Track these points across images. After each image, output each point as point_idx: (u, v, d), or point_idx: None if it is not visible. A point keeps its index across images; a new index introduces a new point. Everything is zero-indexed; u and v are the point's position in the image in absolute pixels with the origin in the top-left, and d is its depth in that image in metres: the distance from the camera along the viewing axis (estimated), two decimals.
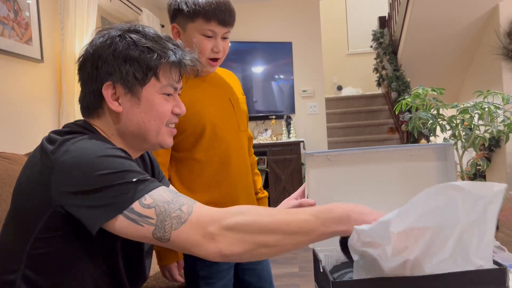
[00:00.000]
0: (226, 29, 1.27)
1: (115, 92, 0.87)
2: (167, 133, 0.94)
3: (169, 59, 0.88)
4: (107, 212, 0.74)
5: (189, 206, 0.76)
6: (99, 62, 0.87)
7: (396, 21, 5.92)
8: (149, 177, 0.80)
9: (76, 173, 0.76)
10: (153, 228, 0.75)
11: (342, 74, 7.79)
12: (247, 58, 4.90)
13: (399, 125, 5.43)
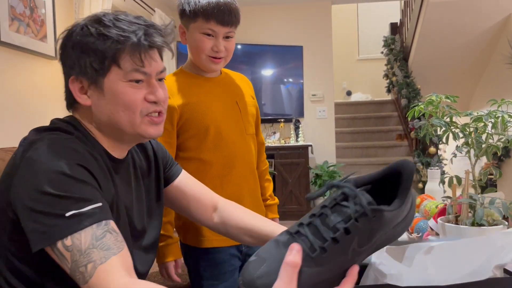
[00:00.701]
0: (227, 28, 1.28)
1: (82, 85, 0.85)
2: (147, 123, 0.86)
3: (128, 43, 0.81)
4: (41, 240, 0.73)
5: (93, 266, 0.71)
6: (63, 56, 0.86)
7: (408, 27, 5.90)
8: (89, 208, 0.75)
9: (29, 181, 0.75)
10: (68, 272, 0.73)
11: (351, 80, 7.78)
12: (257, 60, 4.91)
13: (408, 132, 5.40)
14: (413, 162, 0.75)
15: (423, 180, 4.64)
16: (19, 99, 2.32)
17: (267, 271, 0.60)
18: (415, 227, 1.42)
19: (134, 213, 0.94)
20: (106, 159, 0.87)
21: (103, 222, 0.75)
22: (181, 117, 1.29)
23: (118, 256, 0.73)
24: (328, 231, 0.62)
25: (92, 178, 0.79)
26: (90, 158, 0.82)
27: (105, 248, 0.73)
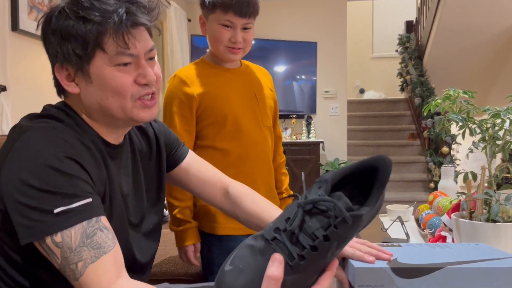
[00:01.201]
0: (245, 20, 1.29)
1: (68, 73, 0.81)
2: (139, 107, 0.82)
3: (109, 25, 0.76)
4: (28, 234, 0.72)
5: (84, 265, 0.70)
6: (45, 44, 0.81)
7: (423, 26, 5.84)
8: (78, 204, 0.73)
9: (16, 172, 0.73)
10: (58, 268, 0.73)
11: (365, 77, 7.73)
12: (270, 56, 4.90)
13: (421, 131, 5.35)
14: (390, 160, 0.71)
15: (435, 180, 4.60)
16: (36, 86, 2.35)
17: (245, 283, 0.58)
18: (428, 223, 1.42)
19: (131, 199, 0.92)
20: (100, 146, 0.84)
21: (94, 219, 0.73)
22: (200, 105, 1.31)
23: (109, 255, 0.72)
24: (307, 238, 0.60)
25: (82, 171, 0.76)
26: (81, 147, 0.79)
27: (96, 246, 0.71)
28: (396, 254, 0.81)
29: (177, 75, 1.34)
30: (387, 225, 1.62)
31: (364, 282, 0.75)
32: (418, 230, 1.52)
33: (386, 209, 1.75)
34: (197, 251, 1.35)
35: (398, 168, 5.21)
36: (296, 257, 0.59)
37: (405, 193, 4.86)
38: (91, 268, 0.70)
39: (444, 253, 0.82)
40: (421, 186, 4.96)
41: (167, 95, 1.34)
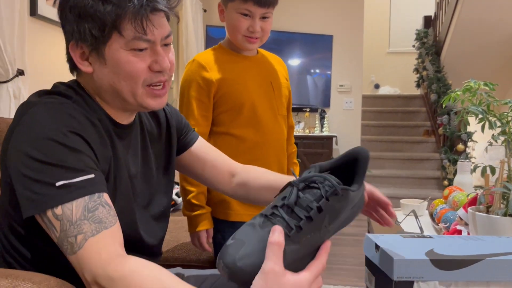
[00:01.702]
0: (264, 9, 1.28)
1: (83, 51, 0.80)
2: (148, 95, 0.82)
3: (128, 9, 0.75)
4: (30, 207, 0.73)
5: (84, 237, 0.70)
6: (62, 19, 0.80)
7: (442, 21, 5.75)
8: (79, 179, 0.73)
9: (22, 145, 0.74)
10: (56, 240, 0.73)
11: (380, 73, 7.65)
12: (285, 48, 4.88)
13: (436, 128, 5.29)
14: (367, 150, 0.78)
15: (449, 177, 4.55)
16: (52, 71, 2.37)
17: (247, 252, 0.61)
18: (442, 217, 1.40)
19: (139, 180, 0.91)
20: (107, 125, 0.84)
21: (96, 195, 0.73)
22: (218, 91, 1.31)
23: (110, 231, 0.72)
24: (302, 210, 0.65)
25: (86, 146, 0.77)
26: (87, 123, 0.79)
27: (97, 221, 0.71)
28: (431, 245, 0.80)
29: (195, 60, 1.33)
30: (400, 219, 1.60)
31: (403, 274, 0.74)
32: (432, 224, 1.50)
33: (399, 203, 1.73)
34: (209, 236, 1.35)
35: (411, 164, 5.17)
36: (294, 228, 0.64)
37: (418, 190, 4.81)
38: (92, 241, 0.70)
39: (479, 245, 0.81)
40: (435, 184, 4.90)
41: (185, 79, 1.34)
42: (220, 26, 4.80)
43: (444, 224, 1.36)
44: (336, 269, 2.82)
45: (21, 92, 1.99)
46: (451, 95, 1.18)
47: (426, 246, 0.82)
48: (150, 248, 0.94)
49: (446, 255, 0.76)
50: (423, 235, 0.91)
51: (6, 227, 0.84)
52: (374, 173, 4.98)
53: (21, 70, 2.01)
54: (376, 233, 0.87)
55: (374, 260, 0.85)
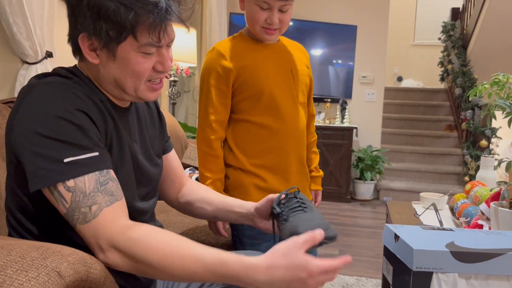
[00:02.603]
0: (283, 2, 1.27)
1: (92, 43, 0.83)
2: (147, 89, 0.88)
3: (148, 19, 0.79)
4: (37, 181, 0.76)
5: (99, 208, 0.76)
6: (76, 10, 0.81)
7: (470, 14, 5.60)
8: (86, 156, 0.77)
9: (28, 123, 0.77)
10: (64, 211, 0.77)
11: (404, 65, 7.52)
12: (307, 38, 4.83)
13: (459, 123, 5.19)
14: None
15: (470, 173, 4.47)
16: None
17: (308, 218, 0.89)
18: (463, 212, 1.39)
19: (140, 158, 0.96)
20: (108, 106, 0.88)
21: (105, 171, 0.79)
22: (237, 79, 1.31)
23: (121, 202, 0.79)
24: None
25: (91, 123, 0.80)
26: (89, 102, 0.82)
27: (109, 193, 0.78)
28: (451, 238, 0.80)
29: (215, 48, 1.34)
30: (420, 212, 1.59)
31: (422, 265, 0.74)
32: (452, 218, 1.49)
33: (419, 196, 1.72)
34: (226, 223, 1.37)
35: (432, 159, 5.10)
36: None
37: (438, 185, 4.75)
38: (107, 211, 0.76)
39: (501, 239, 0.80)
40: (455, 179, 4.83)
41: (204, 67, 1.35)
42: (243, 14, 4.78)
43: (465, 218, 1.35)
44: (353, 260, 2.83)
45: None
46: (478, 88, 1.16)
47: (446, 238, 0.82)
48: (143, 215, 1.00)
49: (467, 247, 0.76)
50: (444, 228, 0.91)
51: (14, 206, 0.87)
52: (394, 166, 4.93)
53: (50, 52, 2.05)
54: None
55: (393, 250, 0.85)
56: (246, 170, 1.35)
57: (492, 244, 0.78)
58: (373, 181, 4.70)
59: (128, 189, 0.90)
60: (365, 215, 4.11)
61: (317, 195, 1.57)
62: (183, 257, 0.74)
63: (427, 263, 0.75)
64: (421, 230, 0.89)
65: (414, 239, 0.81)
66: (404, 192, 4.64)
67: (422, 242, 0.79)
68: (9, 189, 0.87)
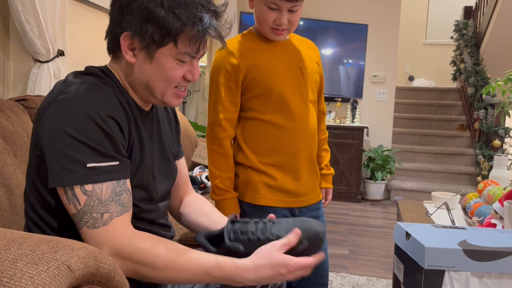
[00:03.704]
0: (292, 3, 1.26)
1: (132, 42, 0.87)
2: (173, 95, 0.92)
3: (192, 30, 0.84)
4: (57, 179, 0.79)
5: (110, 216, 0.80)
6: (126, 9, 0.85)
7: (483, 12, 5.53)
8: (108, 164, 0.81)
9: (59, 121, 0.80)
10: (74, 211, 0.80)
11: (415, 64, 7.46)
12: (318, 37, 4.81)
13: (471, 123, 5.13)
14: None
15: (483, 173, 4.42)
16: (89, 52, 2.43)
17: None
18: (476, 211, 1.37)
19: (159, 160, 1.00)
20: (133, 108, 0.92)
21: (122, 181, 0.83)
22: (246, 77, 1.31)
23: (129, 213, 0.84)
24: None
25: (118, 130, 0.84)
26: (119, 106, 0.86)
27: (121, 204, 0.82)
28: (464, 236, 0.79)
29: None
30: (431, 211, 1.58)
31: (434, 263, 0.73)
32: (464, 218, 1.47)
33: (431, 196, 1.70)
34: None
35: (444, 159, 5.05)
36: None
37: (450, 185, 4.70)
38: (117, 220, 0.81)
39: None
40: (468, 179, 4.78)
41: (214, 65, 1.35)
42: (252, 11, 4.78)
43: (478, 217, 1.33)
44: (362, 259, 2.81)
45: (61, 72, 2.05)
46: (491, 85, 1.14)
47: (459, 237, 0.81)
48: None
49: (480, 245, 0.75)
50: (456, 226, 0.90)
51: (34, 199, 0.89)
52: (405, 166, 4.89)
53: (61, 51, 2.07)
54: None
55: (404, 248, 0.84)
56: (255, 168, 1.34)
57: (505, 242, 0.77)
58: (384, 181, 4.67)
59: (146, 189, 0.95)
60: (376, 215, 4.08)
61: (327, 193, 1.56)
62: (186, 262, 0.82)
63: (439, 261, 0.74)
64: (433, 228, 0.88)
65: (426, 237, 0.80)
66: (416, 192, 4.60)
67: (434, 240, 0.78)
68: (30, 182, 0.90)
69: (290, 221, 0.94)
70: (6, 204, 1.10)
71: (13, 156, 1.19)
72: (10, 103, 1.31)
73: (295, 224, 0.93)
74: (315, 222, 0.94)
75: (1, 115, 1.23)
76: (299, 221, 0.94)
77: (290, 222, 0.94)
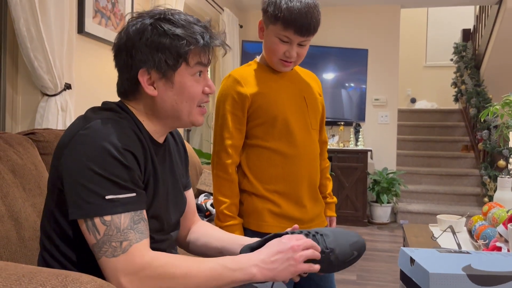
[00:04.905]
0: (303, 38, 1.30)
1: (150, 77, 0.93)
2: (198, 113, 1.00)
3: (197, 45, 0.93)
4: (77, 212, 0.83)
5: (129, 244, 0.82)
6: (133, 51, 0.92)
7: (482, 34, 5.61)
8: (125, 196, 0.84)
9: (79, 155, 0.84)
10: (94, 242, 0.82)
11: (417, 87, 7.52)
12: (319, 63, 4.89)
13: (475, 143, 5.14)
14: None
15: (490, 194, 4.39)
16: (96, 85, 2.49)
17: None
18: (481, 234, 1.37)
19: (171, 191, 1.04)
20: (148, 142, 0.96)
21: (139, 211, 0.87)
22: (252, 105, 1.34)
23: (147, 240, 0.87)
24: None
25: (135, 163, 0.88)
26: (136, 140, 0.90)
27: (140, 232, 0.85)
28: (468, 261, 0.80)
29: (231, 75, 1.38)
30: (437, 235, 1.57)
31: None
32: (470, 241, 1.47)
33: (436, 219, 1.70)
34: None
35: (449, 180, 5.02)
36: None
37: (457, 206, 4.67)
38: (137, 246, 0.83)
39: None
40: (474, 200, 4.75)
41: (221, 93, 1.38)
42: (255, 41, 4.87)
43: (483, 240, 1.33)
44: (371, 285, 2.77)
45: (68, 105, 2.09)
46: (489, 109, 1.16)
47: (463, 261, 0.81)
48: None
49: (484, 270, 0.75)
50: (461, 251, 0.90)
51: (52, 230, 0.91)
52: (411, 188, 4.87)
53: (69, 84, 2.12)
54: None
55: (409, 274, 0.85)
56: (260, 195, 1.36)
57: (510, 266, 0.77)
58: (390, 204, 4.64)
59: (160, 220, 0.98)
60: (383, 238, 4.04)
61: (331, 221, 1.57)
62: (203, 265, 0.87)
63: (444, 287, 0.74)
64: (437, 253, 0.88)
65: (430, 262, 0.80)
66: (423, 215, 4.57)
67: (438, 265, 0.78)
68: (48, 213, 0.93)
69: (338, 233, 1.01)
70: (15, 238, 1.12)
71: (21, 190, 1.21)
72: (19, 137, 1.34)
73: (342, 236, 1.01)
74: (355, 234, 1.03)
75: (10, 149, 1.26)
76: (343, 233, 1.02)
77: (338, 235, 1.01)
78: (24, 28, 1.84)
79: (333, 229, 1.03)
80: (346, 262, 0.99)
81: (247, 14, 5.21)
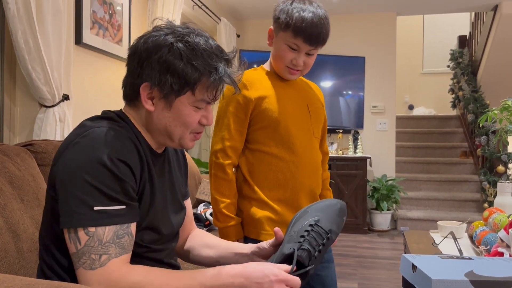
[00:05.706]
0: (312, 47, 1.32)
1: (151, 92, 0.91)
2: (190, 139, 0.97)
3: (208, 79, 0.90)
4: (65, 222, 0.82)
5: (108, 258, 0.81)
6: (145, 62, 0.90)
7: (478, 41, 5.65)
8: (114, 208, 0.83)
9: (73, 164, 0.83)
10: (74, 251, 0.81)
11: (414, 93, 7.55)
12: (316, 71, 4.91)
13: (474, 149, 5.14)
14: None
15: (489, 200, 4.39)
16: (94, 96, 2.49)
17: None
18: (483, 240, 1.36)
19: (169, 201, 1.02)
20: (146, 152, 0.95)
21: (125, 225, 0.85)
22: (255, 108, 1.35)
23: (128, 255, 0.85)
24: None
25: (130, 174, 0.87)
26: (133, 149, 0.89)
27: (121, 247, 0.84)
28: (471, 266, 0.79)
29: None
30: (438, 241, 1.57)
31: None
32: (471, 247, 1.46)
33: (436, 225, 1.70)
34: None
35: (449, 187, 5.02)
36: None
37: (457, 212, 4.66)
38: (115, 262, 0.82)
39: None
40: (474, 206, 4.74)
41: (226, 94, 1.38)
42: (253, 51, 4.89)
43: (485, 246, 1.32)
44: None
45: (66, 115, 2.09)
46: (488, 114, 1.17)
47: (465, 267, 0.81)
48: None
49: (487, 276, 0.75)
50: (462, 257, 0.89)
51: (50, 240, 0.91)
52: (410, 195, 4.87)
53: (66, 95, 2.12)
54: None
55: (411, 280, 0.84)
56: (260, 200, 1.35)
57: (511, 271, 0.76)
58: (390, 211, 4.63)
59: (157, 230, 0.96)
60: (384, 246, 4.02)
61: None
62: (179, 277, 0.84)
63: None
64: (439, 259, 0.88)
65: (432, 268, 0.80)
66: (423, 221, 4.56)
67: (441, 271, 0.78)
68: (47, 223, 0.92)
69: (323, 207, 1.02)
70: (13, 250, 1.11)
71: (19, 201, 1.20)
72: (17, 148, 1.34)
73: (326, 207, 1.02)
74: (333, 201, 1.04)
75: (8, 161, 1.25)
76: (324, 206, 1.02)
77: (327, 210, 1.02)
78: (22, 40, 1.84)
79: (318, 206, 1.02)
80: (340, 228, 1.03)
81: (244, 24, 5.23)
